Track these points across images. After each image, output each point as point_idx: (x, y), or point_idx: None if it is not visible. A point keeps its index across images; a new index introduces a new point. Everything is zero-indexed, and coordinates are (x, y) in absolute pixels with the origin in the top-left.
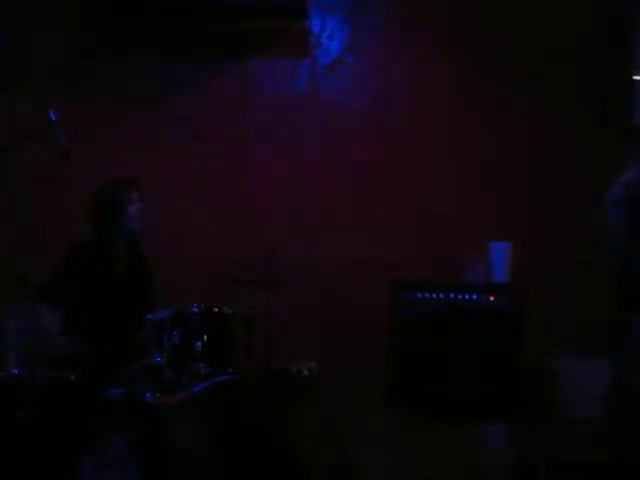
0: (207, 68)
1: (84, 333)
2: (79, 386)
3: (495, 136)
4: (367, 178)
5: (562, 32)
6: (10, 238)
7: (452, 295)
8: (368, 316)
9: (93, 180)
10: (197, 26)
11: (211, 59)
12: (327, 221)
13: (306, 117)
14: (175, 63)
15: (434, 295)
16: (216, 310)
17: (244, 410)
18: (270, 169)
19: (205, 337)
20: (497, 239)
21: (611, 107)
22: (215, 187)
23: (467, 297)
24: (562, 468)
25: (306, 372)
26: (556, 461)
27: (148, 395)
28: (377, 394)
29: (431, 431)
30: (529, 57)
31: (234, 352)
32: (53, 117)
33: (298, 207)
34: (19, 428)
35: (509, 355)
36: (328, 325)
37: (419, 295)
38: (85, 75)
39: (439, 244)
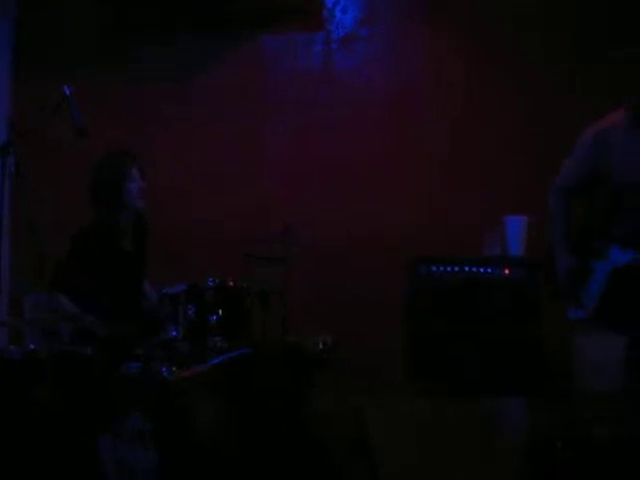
0: (222, 44)
1: (99, 311)
2: (95, 361)
3: (511, 111)
4: (381, 153)
5: None
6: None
7: (468, 268)
8: (384, 291)
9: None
10: (209, 2)
11: (226, 35)
12: (341, 197)
13: (320, 91)
14: (189, 39)
15: (449, 269)
16: (231, 284)
17: (259, 384)
18: (285, 145)
19: (220, 311)
20: (513, 213)
21: None
22: (230, 163)
23: (483, 270)
24: (579, 443)
25: (321, 346)
26: (573, 435)
27: (164, 369)
28: (393, 370)
29: (448, 406)
30: (548, 37)
31: (249, 326)
32: (67, 92)
33: (313, 182)
34: (36, 404)
35: (525, 329)
36: (343, 300)
37: (435, 269)
38: (101, 53)
39: (455, 219)
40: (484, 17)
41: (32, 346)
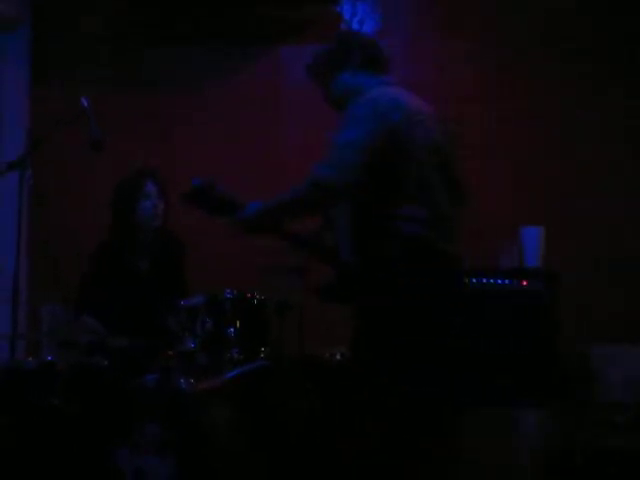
0: (238, 55)
1: (116, 326)
2: (113, 373)
3: (527, 120)
4: None
5: None
6: (44, 227)
7: (484, 280)
8: None
9: (125, 170)
10: (228, 12)
11: (242, 45)
12: None
13: None
14: (206, 49)
15: (466, 280)
16: (249, 296)
17: (277, 396)
18: (301, 156)
19: (238, 323)
20: (529, 224)
21: None
22: (247, 174)
23: (499, 282)
24: (598, 454)
25: (338, 357)
26: (592, 447)
27: (182, 381)
28: None
29: (465, 417)
30: (567, 42)
31: (267, 338)
32: (85, 104)
33: None
34: (54, 415)
35: (543, 340)
36: None
37: None
38: (116, 61)
39: (471, 230)
40: (500, 30)
41: (49, 358)
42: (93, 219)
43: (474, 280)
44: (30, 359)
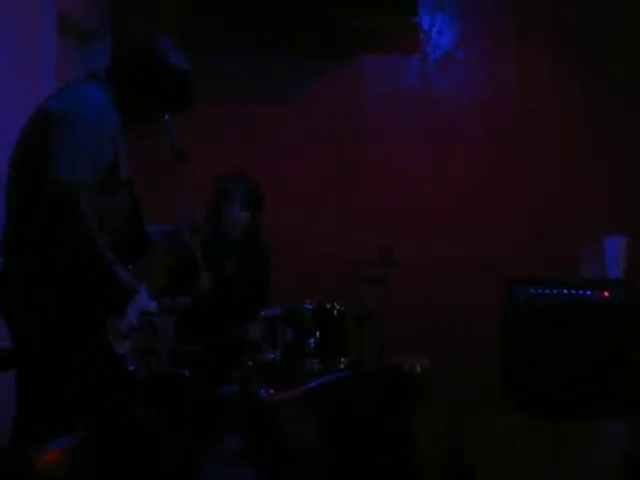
0: (319, 65)
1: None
2: (193, 382)
3: (608, 131)
4: (478, 174)
5: None
6: None
7: (566, 291)
8: (480, 314)
9: (209, 181)
10: (308, 23)
11: (323, 56)
12: (439, 220)
13: (416, 114)
14: (288, 58)
15: (547, 291)
16: (329, 307)
17: (357, 407)
18: (382, 169)
19: (318, 334)
20: (613, 234)
21: None
22: (327, 184)
23: (581, 293)
24: None
25: (419, 369)
26: None
27: (262, 392)
28: (489, 392)
29: (543, 430)
30: None
31: (347, 349)
32: (166, 116)
33: (411, 203)
34: (135, 425)
35: (624, 352)
36: (439, 323)
37: (532, 291)
38: (197, 69)
39: (552, 241)
40: (582, 39)
41: (130, 367)
42: None
43: (555, 291)
44: None
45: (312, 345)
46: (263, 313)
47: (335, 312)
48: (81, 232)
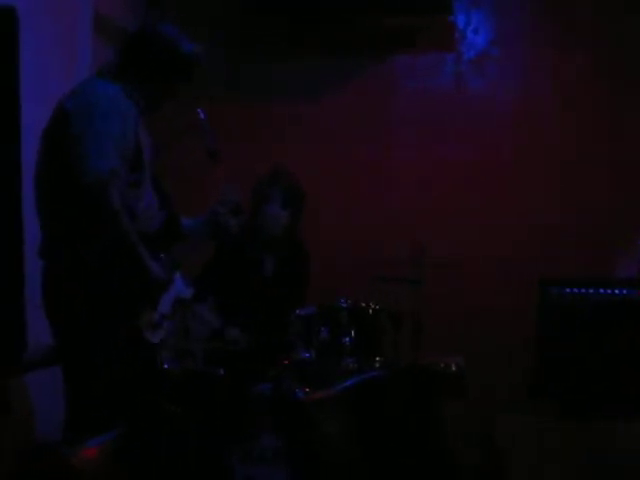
0: (351, 65)
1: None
2: (228, 381)
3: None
4: (512, 173)
5: None
6: None
7: (601, 290)
8: (513, 314)
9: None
10: (341, 23)
11: (355, 56)
12: (471, 220)
13: (451, 113)
14: (319, 59)
15: (583, 290)
16: (364, 305)
17: (392, 406)
18: (414, 165)
19: (353, 333)
20: None
21: None
22: (358, 183)
23: (617, 292)
24: None
25: (454, 368)
26: None
27: (297, 391)
28: (522, 392)
29: (576, 430)
30: None
31: (382, 348)
32: (202, 116)
33: (442, 202)
34: (169, 422)
35: None
36: (473, 323)
37: (567, 291)
38: (230, 74)
39: (587, 241)
40: (616, 41)
41: (165, 366)
42: None
43: (591, 290)
44: None
45: (347, 344)
46: (298, 312)
47: (370, 311)
48: (112, 229)
